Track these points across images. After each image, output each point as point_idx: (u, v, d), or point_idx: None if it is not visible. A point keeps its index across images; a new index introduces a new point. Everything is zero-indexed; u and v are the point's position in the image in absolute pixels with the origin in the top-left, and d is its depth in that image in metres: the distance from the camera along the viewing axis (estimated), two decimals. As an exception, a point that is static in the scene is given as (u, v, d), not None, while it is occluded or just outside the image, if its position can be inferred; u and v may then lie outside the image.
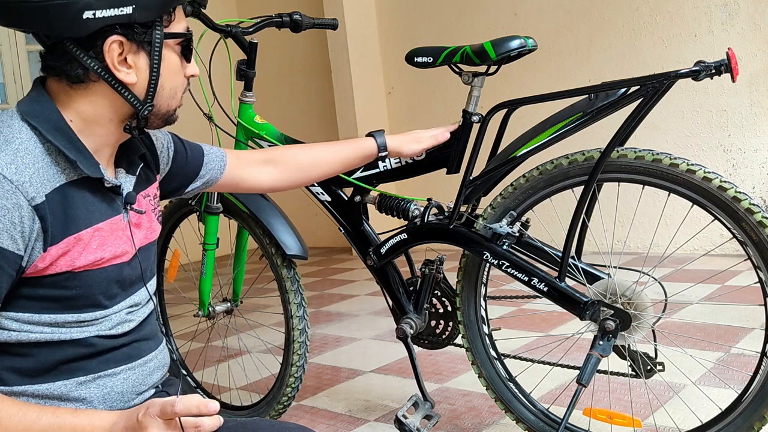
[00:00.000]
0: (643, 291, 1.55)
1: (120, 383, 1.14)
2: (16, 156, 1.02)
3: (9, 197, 0.99)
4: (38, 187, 1.02)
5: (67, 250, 1.06)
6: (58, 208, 1.05)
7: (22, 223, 1.00)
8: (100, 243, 1.10)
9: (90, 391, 1.11)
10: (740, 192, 1.42)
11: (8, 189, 0.99)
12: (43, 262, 1.04)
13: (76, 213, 1.07)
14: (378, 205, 1.86)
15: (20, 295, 1.05)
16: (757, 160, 3.82)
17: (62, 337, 1.08)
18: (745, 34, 3.76)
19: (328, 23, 2.09)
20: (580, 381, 1.52)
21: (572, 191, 1.60)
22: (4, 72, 5.01)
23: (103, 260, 1.10)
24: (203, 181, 1.47)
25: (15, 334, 1.05)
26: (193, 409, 0.97)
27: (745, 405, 1.50)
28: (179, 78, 1.16)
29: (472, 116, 1.71)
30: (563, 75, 4.36)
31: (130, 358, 1.16)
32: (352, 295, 3.91)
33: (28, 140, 1.04)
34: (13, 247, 1.00)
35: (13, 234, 1.00)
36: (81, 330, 1.10)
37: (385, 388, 2.38)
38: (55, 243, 1.04)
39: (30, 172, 1.02)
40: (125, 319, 1.16)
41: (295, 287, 2.01)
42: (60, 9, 1.02)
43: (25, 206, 1.01)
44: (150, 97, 1.11)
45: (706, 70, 1.40)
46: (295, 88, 5.82)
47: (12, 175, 1.00)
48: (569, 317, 2.56)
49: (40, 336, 1.06)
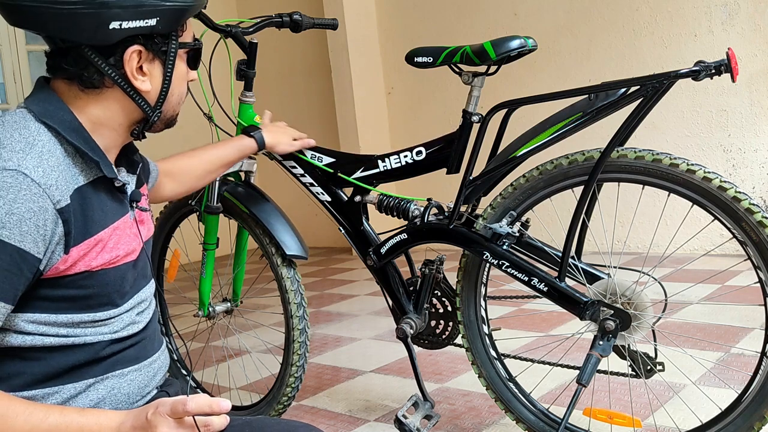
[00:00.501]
0: (643, 291, 1.55)
1: (126, 384, 1.15)
2: (41, 159, 1.02)
3: (36, 200, 1.00)
4: (63, 190, 1.03)
5: (87, 251, 1.07)
6: (78, 210, 1.06)
7: (46, 226, 1.01)
8: (116, 242, 1.12)
9: (98, 393, 1.11)
10: (740, 192, 1.42)
11: (36, 192, 0.99)
12: (64, 264, 1.05)
13: (93, 214, 1.09)
14: (378, 205, 1.86)
15: (38, 296, 1.05)
16: (757, 160, 3.82)
17: (76, 341, 1.08)
18: (745, 34, 3.76)
19: (328, 23, 2.09)
20: (580, 381, 1.52)
21: (572, 191, 1.60)
22: (4, 72, 5.01)
23: (117, 258, 1.12)
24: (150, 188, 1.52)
25: (30, 338, 1.05)
26: (205, 408, 0.97)
27: (745, 405, 1.50)
28: (185, 84, 1.21)
29: (472, 116, 1.71)
30: (563, 75, 4.36)
31: (137, 359, 1.17)
32: (352, 295, 3.91)
33: (48, 142, 1.05)
34: (35, 250, 1.01)
35: (36, 237, 1.00)
36: (94, 332, 1.10)
37: (385, 388, 2.38)
38: (77, 245, 1.05)
39: (55, 175, 1.03)
40: (134, 320, 1.17)
41: (295, 287, 2.01)
42: (88, 17, 1.03)
43: (51, 210, 1.01)
44: (160, 104, 1.16)
45: (706, 70, 1.40)
46: (295, 88, 5.82)
47: (40, 179, 1.00)
48: (569, 317, 2.56)
49: (54, 340, 1.07)
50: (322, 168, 1.92)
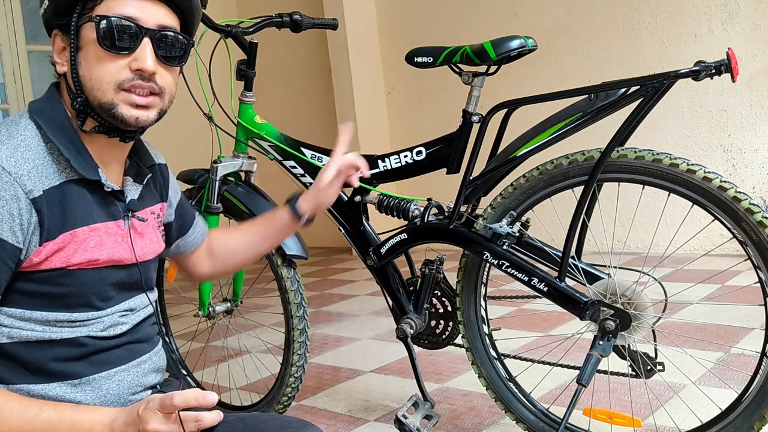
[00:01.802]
0: (643, 291, 1.55)
1: (115, 385, 1.14)
2: (16, 150, 1.04)
3: (7, 188, 1.01)
4: (36, 181, 1.04)
5: (62, 246, 1.06)
6: (55, 204, 1.06)
7: (21, 215, 1.02)
8: (98, 243, 1.10)
9: (86, 394, 1.11)
10: (740, 192, 1.42)
11: (6, 180, 1.01)
12: (38, 256, 1.05)
13: (73, 211, 1.08)
14: (378, 205, 1.86)
15: (13, 290, 1.05)
16: (757, 160, 3.82)
17: (53, 336, 1.08)
18: (745, 34, 3.76)
19: (328, 23, 2.09)
20: (580, 381, 1.52)
21: (572, 191, 1.60)
22: (4, 72, 5.01)
23: (98, 261, 1.10)
24: (186, 242, 1.43)
25: (7, 330, 1.06)
26: (191, 401, 0.97)
27: (745, 405, 1.50)
28: (104, 68, 1.06)
29: (472, 116, 1.71)
30: (563, 75, 4.36)
31: (124, 359, 1.16)
32: (352, 295, 3.91)
33: (31, 137, 1.07)
34: (13, 239, 1.01)
35: (12, 226, 1.01)
36: (72, 330, 1.10)
37: (385, 388, 2.38)
38: (51, 239, 1.05)
39: (29, 166, 1.04)
40: (118, 322, 1.15)
41: (295, 287, 2.00)
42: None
43: (23, 198, 1.02)
44: (79, 89, 1.08)
45: (706, 70, 1.39)
46: (295, 88, 5.82)
47: (11, 168, 1.02)
48: (569, 317, 2.56)
49: (31, 334, 1.07)
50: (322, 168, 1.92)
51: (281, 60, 5.78)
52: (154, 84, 1.09)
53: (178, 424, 0.97)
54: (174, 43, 1.11)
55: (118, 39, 1.06)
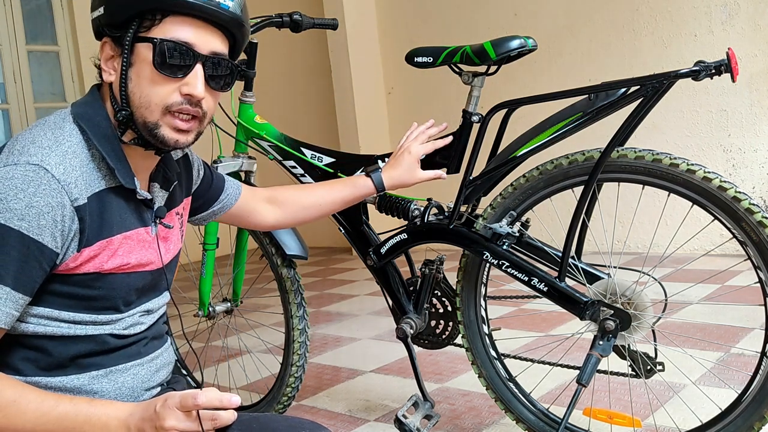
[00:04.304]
0: (643, 291, 1.55)
1: (130, 378, 1.16)
2: (65, 157, 1.05)
3: (54, 195, 1.02)
4: (82, 189, 1.06)
5: (98, 252, 1.09)
6: (95, 211, 1.08)
7: (63, 221, 1.03)
8: (128, 250, 1.13)
9: (102, 385, 1.13)
10: (740, 192, 1.42)
11: (55, 188, 1.02)
12: (74, 261, 1.06)
13: (110, 218, 1.10)
14: (378, 205, 1.86)
15: (46, 291, 1.07)
16: (757, 160, 3.82)
17: (78, 333, 1.10)
18: (745, 34, 3.76)
19: (328, 23, 2.09)
20: (580, 381, 1.52)
21: (572, 191, 1.60)
22: (4, 72, 5.01)
23: (128, 266, 1.13)
24: (220, 206, 1.50)
25: (32, 327, 1.07)
26: (215, 402, 0.98)
27: (745, 405, 1.50)
28: (155, 89, 1.08)
29: (472, 116, 1.71)
30: (563, 75, 4.36)
31: (139, 354, 1.19)
32: (352, 295, 3.91)
33: (77, 144, 1.08)
34: (53, 244, 1.03)
35: (53, 232, 1.02)
36: (96, 328, 1.12)
37: (385, 388, 2.38)
38: (89, 245, 1.07)
39: (76, 174, 1.05)
40: (138, 321, 1.19)
41: (295, 287, 2.01)
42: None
43: (68, 206, 1.04)
44: (125, 102, 1.09)
45: (706, 70, 1.39)
46: (295, 88, 5.82)
47: (60, 175, 1.03)
48: (569, 317, 2.56)
49: (56, 330, 1.09)
50: (322, 168, 1.92)
51: (281, 60, 5.78)
52: (199, 108, 1.11)
53: (196, 422, 0.98)
54: (223, 70, 1.14)
55: (173, 63, 1.07)
